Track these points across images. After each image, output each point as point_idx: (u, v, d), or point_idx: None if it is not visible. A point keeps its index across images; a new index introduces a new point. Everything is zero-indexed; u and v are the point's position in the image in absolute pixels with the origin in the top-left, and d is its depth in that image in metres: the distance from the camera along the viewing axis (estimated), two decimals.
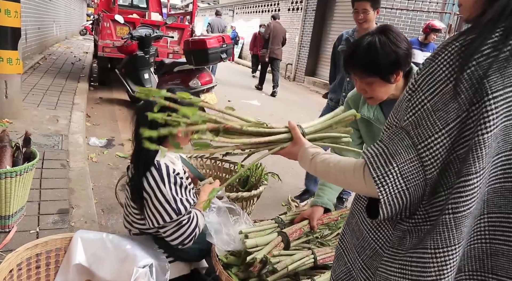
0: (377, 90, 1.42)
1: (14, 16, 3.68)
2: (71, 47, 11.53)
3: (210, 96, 5.10)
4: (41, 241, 1.39)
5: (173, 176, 1.48)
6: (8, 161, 2.09)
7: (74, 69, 7.48)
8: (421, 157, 0.66)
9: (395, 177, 0.67)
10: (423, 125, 0.65)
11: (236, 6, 21.58)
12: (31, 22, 7.65)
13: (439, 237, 0.64)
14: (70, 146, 3.48)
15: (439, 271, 0.64)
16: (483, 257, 0.67)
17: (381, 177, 0.68)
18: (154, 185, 1.46)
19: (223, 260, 1.52)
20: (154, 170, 1.48)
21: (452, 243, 0.64)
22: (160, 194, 1.45)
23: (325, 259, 1.56)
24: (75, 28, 17.12)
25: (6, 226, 2.10)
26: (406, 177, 0.67)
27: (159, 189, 1.45)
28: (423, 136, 0.65)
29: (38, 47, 8.55)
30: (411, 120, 0.67)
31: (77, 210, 2.47)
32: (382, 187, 0.68)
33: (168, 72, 5.18)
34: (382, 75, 1.38)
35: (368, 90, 1.44)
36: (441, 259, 0.64)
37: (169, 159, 1.59)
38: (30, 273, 1.38)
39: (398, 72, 1.40)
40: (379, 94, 1.44)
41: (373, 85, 1.41)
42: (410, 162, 0.67)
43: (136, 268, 1.26)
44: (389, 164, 0.68)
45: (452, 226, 0.63)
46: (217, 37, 4.68)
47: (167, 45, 6.42)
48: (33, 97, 4.91)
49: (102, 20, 6.00)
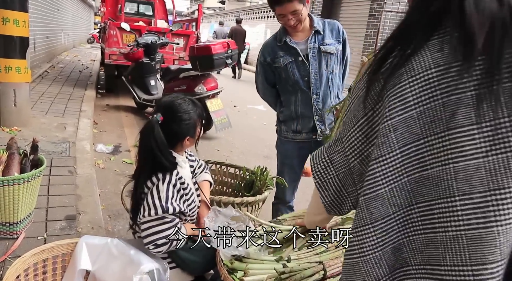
0: None
1: (22, 25, 3.74)
2: (79, 55, 11.69)
3: (216, 101, 5.13)
4: (47, 247, 1.40)
5: (174, 178, 1.50)
6: (16, 168, 2.12)
7: (82, 77, 7.57)
8: (344, 148, 0.82)
9: (326, 165, 0.87)
10: (346, 123, 0.82)
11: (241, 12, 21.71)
12: (39, 32, 7.77)
13: (357, 217, 0.76)
14: (78, 153, 3.51)
15: (360, 248, 0.74)
16: (421, 248, 0.71)
17: (317, 165, 0.88)
18: (155, 180, 1.50)
19: (228, 265, 1.51)
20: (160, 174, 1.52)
21: (365, 222, 0.73)
22: (155, 189, 1.48)
23: (333, 273, 1.54)
24: (82, 36, 17.34)
25: (14, 233, 2.12)
26: (335, 165, 0.85)
27: (157, 186, 1.48)
28: (345, 131, 0.82)
29: (47, 56, 8.67)
30: (343, 121, 0.86)
31: (84, 216, 2.49)
32: (316, 173, 0.88)
33: (174, 79, 5.22)
34: None
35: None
36: (359, 237, 0.74)
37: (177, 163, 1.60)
38: (37, 279, 1.39)
39: None
40: None
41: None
42: (338, 152, 0.84)
43: (136, 276, 1.27)
44: (323, 154, 0.88)
45: (364, 207, 0.74)
46: (222, 43, 4.71)
47: (173, 52, 6.48)
48: (41, 105, 4.97)
49: (109, 28, 6.08)
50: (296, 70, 2.15)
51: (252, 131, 5.89)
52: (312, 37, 2.13)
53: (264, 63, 2.24)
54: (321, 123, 2.20)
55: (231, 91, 8.89)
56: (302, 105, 2.20)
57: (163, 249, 1.47)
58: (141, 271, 1.28)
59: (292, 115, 2.23)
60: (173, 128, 1.55)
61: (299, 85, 2.18)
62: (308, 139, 2.22)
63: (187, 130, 1.58)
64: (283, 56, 2.15)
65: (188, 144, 1.63)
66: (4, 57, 3.69)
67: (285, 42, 2.14)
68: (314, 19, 2.17)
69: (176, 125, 1.55)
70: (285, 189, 2.34)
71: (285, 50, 2.15)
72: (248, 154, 4.82)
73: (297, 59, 2.14)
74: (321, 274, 1.49)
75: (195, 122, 1.59)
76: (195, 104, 1.65)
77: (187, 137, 1.59)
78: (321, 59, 2.14)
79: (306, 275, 1.45)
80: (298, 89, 2.19)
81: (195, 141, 1.68)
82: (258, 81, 2.34)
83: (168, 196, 1.46)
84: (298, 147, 2.27)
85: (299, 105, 2.21)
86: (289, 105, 2.24)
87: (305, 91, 2.18)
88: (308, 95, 2.19)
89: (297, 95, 2.21)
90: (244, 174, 2.42)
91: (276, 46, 2.18)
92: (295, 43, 2.14)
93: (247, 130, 5.87)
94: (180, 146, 1.62)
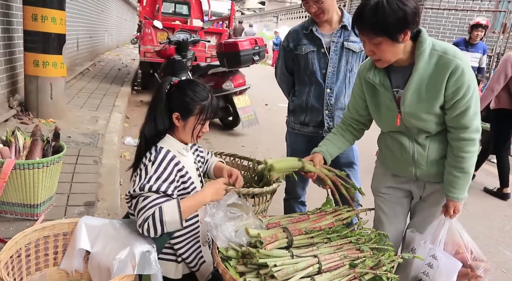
0: (385, 51, 1.44)
1: (60, 23, 3.96)
2: (120, 54, 12.18)
3: (243, 98, 5.16)
4: (49, 224, 1.46)
5: (168, 162, 1.49)
6: (38, 153, 2.24)
7: (120, 75, 7.88)
8: None
9: None
10: None
11: (280, 12, 21.74)
12: (82, 32, 8.18)
13: None
14: (105, 144, 3.65)
15: None
16: None
17: None
18: (147, 161, 1.49)
19: (223, 253, 1.51)
20: (153, 151, 1.51)
21: None
22: (144, 167, 1.47)
23: (330, 268, 1.49)
24: (126, 37, 18.06)
25: (35, 214, 2.24)
26: None
27: (146, 166, 1.47)
28: None
29: (89, 54, 9.11)
30: None
31: (102, 203, 2.58)
32: None
33: (203, 75, 5.31)
34: (390, 34, 1.39)
35: (376, 51, 1.45)
36: None
37: (176, 149, 1.60)
38: (38, 255, 1.46)
39: (406, 32, 1.39)
40: (387, 56, 1.46)
41: (381, 45, 1.42)
42: None
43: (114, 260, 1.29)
44: None
45: None
46: (249, 39, 4.73)
47: (205, 50, 6.58)
48: (78, 99, 5.23)
49: (144, 27, 6.28)
50: (316, 60, 2.13)
51: (280, 129, 5.80)
52: (338, 32, 2.11)
53: (286, 48, 2.24)
54: (330, 119, 2.15)
55: (265, 90, 8.90)
56: (314, 97, 2.17)
57: (148, 231, 1.38)
58: (120, 255, 1.30)
59: (302, 106, 2.20)
60: (173, 97, 1.55)
61: (315, 77, 2.15)
62: (315, 134, 2.18)
63: (180, 105, 1.54)
64: (306, 44, 2.15)
65: (177, 124, 1.56)
66: (42, 52, 3.91)
67: (311, 31, 2.13)
68: (345, 14, 2.16)
69: (177, 96, 1.54)
70: (295, 184, 2.30)
71: (310, 39, 2.14)
72: (273, 150, 4.79)
73: (319, 50, 2.12)
74: (316, 268, 1.45)
75: (195, 105, 1.54)
76: (209, 94, 1.59)
77: (177, 113, 1.54)
78: (342, 55, 2.12)
79: (299, 268, 1.42)
80: (314, 80, 2.16)
81: (187, 128, 1.57)
82: (278, 65, 2.35)
83: (159, 176, 1.44)
84: (306, 140, 2.23)
85: (311, 97, 2.17)
86: (301, 95, 2.21)
87: (320, 83, 2.15)
88: (322, 88, 2.15)
89: (311, 86, 2.18)
90: (255, 166, 2.41)
91: (301, 33, 2.18)
92: (321, 34, 2.13)
93: (275, 128, 5.83)
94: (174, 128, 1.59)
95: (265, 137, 5.40)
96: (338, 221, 1.78)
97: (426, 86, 1.49)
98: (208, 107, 1.58)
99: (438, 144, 1.60)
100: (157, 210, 1.38)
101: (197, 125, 1.58)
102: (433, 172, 1.64)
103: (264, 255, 1.45)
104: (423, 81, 1.49)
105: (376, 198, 1.88)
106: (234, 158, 2.56)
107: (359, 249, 1.62)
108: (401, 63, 1.53)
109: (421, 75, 1.48)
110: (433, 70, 1.46)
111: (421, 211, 1.77)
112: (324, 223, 1.74)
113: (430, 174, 1.64)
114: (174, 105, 1.56)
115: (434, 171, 1.63)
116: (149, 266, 1.33)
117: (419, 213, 1.78)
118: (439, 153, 1.60)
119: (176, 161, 1.54)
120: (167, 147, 1.56)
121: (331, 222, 1.76)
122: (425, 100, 1.50)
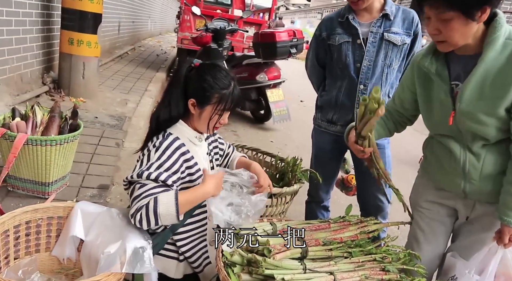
0: (455, 30, 1.19)
1: (97, 2, 3.92)
2: (161, 41, 12.28)
3: (277, 92, 4.97)
4: (42, 206, 1.35)
5: (173, 150, 1.35)
6: (54, 130, 2.17)
7: (157, 60, 7.90)
8: None
9: None
10: None
11: (325, 9, 21.30)
12: (125, 16, 8.26)
13: None
14: (130, 128, 3.59)
15: None
16: None
17: None
18: (151, 146, 1.36)
19: (227, 257, 1.34)
20: (160, 136, 1.38)
21: None
22: (147, 152, 1.35)
23: None
24: (170, 25, 18.25)
25: (46, 193, 2.17)
26: None
27: (149, 152, 1.35)
28: None
29: (130, 39, 9.22)
30: None
31: (117, 187, 2.49)
32: None
33: (237, 65, 5.16)
34: (466, 8, 1.14)
35: (443, 30, 1.21)
36: None
37: (187, 136, 1.45)
38: (29, 238, 1.36)
39: (484, 8, 1.15)
40: (455, 37, 1.21)
41: (451, 23, 1.18)
42: None
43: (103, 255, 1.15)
44: None
45: None
46: (287, 31, 4.52)
47: (243, 40, 6.43)
48: (111, 81, 5.23)
49: (183, 13, 6.22)
50: (350, 52, 1.89)
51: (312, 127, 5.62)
52: (378, 21, 1.86)
53: (318, 38, 2.02)
54: None
55: (302, 86, 8.63)
56: (346, 93, 1.94)
57: (140, 222, 1.23)
58: (109, 249, 1.16)
59: (331, 102, 1.98)
60: (191, 81, 1.40)
61: (348, 71, 1.92)
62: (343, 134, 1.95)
63: (197, 91, 1.39)
64: (341, 34, 1.91)
65: (192, 111, 1.42)
66: (77, 31, 3.90)
67: (347, 19, 1.89)
68: (388, 2, 1.89)
69: (195, 80, 1.40)
70: (318, 186, 2.10)
71: (345, 28, 1.90)
72: (303, 149, 4.57)
73: (355, 41, 1.88)
74: None
75: (213, 92, 1.38)
76: (231, 82, 1.43)
77: (193, 100, 1.40)
78: (381, 47, 1.86)
79: None
80: (347, 75, 1.93)
81: (202, 117, 1.42)
82: (308, 56, 2.13)
83: (161, 164, 1.31)
84: (332, 140, 2.02)
85: (342, 93, 1.95)
86: (331, 90, 1.99)
87: (353, 78, 1.91)
88: (355, 83, 1.92)
89: (343, 81, 1.95)
90: (277, 163, 2.22)
91: (336, 21, 1.94)
92: (358, 23, 1.88)
93: (307, 126, 5.55)
94: (190, 115, 1.45)
95: (296, 135, 5.18)
96: (363, 233, 1.57)
97: (492, 81, 1.22)
98: (228, 97, 1.41)
99: (497, 155, 1.32)
100: (152, 200, 1.24)
101: (214, 116, 1.42)
102: (486, 190, 1.35)
103: (272, 265, 1.28)
104: (489, 76, 1.22)
105: (414, 212, 1.63)
106: (256, 153, 2.39)
107: (384, 269, 1.40)
108: (467, 51, 1.27)
109: (488, 67, 1.22)
110: (504, 63, 1.20)
111: (467, 235, 1.49)
112: (346, 235, 1.53)
113: (483, 191, 1.36)
114: (191, 90, 1.41)
115: (488, 189, 1.35)
116: (141, 265, 1.19)
117: (464, 236, 1.50)
118: (497, 167, 1.32)
119: (184, 150, 1.39)
120: (176, 133, 1.42)
121: (355, 234, 1.55)
122: (488, 98, 1.23)
